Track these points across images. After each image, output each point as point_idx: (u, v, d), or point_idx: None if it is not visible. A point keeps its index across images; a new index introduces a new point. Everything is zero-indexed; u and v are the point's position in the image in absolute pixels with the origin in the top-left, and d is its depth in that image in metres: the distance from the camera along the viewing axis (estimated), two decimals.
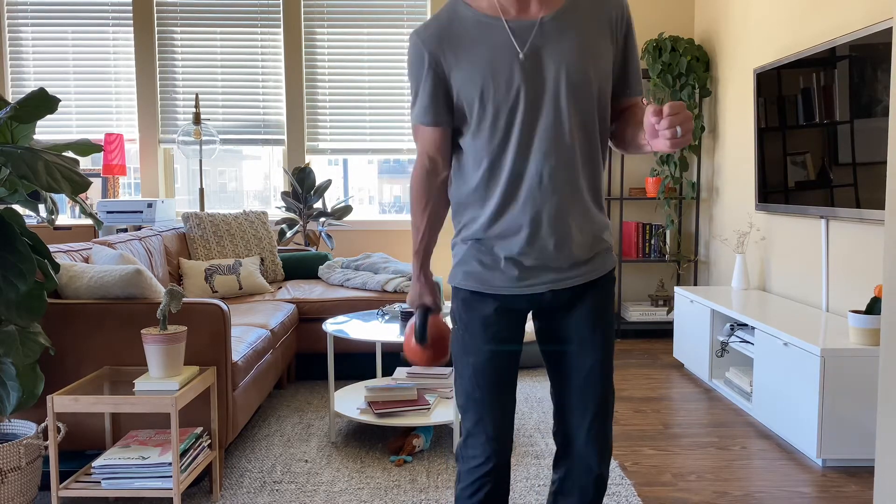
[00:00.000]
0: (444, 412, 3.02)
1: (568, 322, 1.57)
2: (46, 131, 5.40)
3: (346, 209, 5.06)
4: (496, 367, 1.56)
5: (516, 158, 1.47)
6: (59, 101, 2.21)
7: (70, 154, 5.19)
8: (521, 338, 1.60)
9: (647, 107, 1.34)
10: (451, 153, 1.57)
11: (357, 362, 4.02)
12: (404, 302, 3.92)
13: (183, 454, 2.31)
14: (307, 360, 4.09)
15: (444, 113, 1.52)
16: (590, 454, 1.58)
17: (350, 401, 3.19)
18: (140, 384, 2.29)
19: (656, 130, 1.32)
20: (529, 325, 4.44)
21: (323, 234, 5.03)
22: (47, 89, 3.79)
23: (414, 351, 1.68)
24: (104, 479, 2.26)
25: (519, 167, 1.48)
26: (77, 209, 5.39)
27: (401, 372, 3.43)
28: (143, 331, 2.31)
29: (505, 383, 1.58)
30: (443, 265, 5.40)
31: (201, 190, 5.10)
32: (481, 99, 1.46)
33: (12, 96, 5.37)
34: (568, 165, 1.47)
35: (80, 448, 2.55)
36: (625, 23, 1.52)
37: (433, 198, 1.60)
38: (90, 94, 5.39)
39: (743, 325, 3.64)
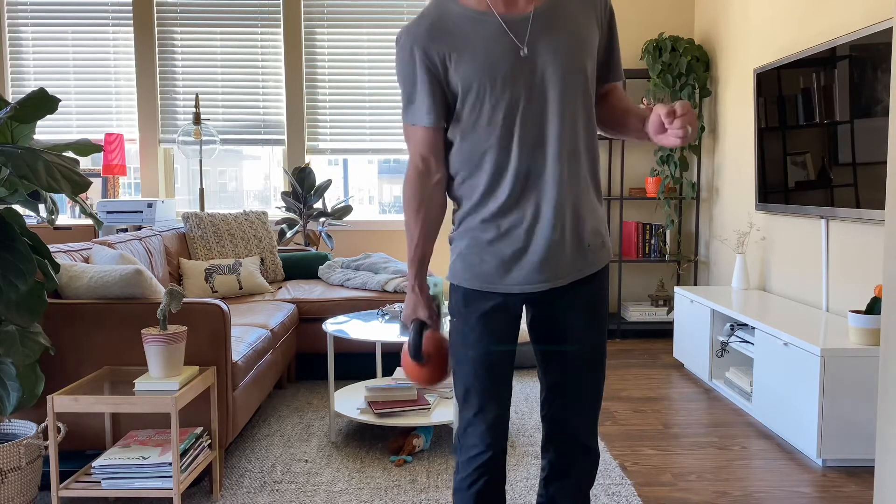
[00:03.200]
0: (444, 412, 3.02)
1: (563, 313, 1.57)
2: (46, 131, 5.40)
3: (346, 209, 5.06)
4: (494, 359, 1.57)
5: (518, 152, 1.46)
6: (59, 101, 2.21)
7: (70, 154, 5.19)
8: (517, 332, 1.62)
9: (653, 105, 1.39)
10: (444, 153, 1.55)
11: (357, 362, 4.02)
12: (404, 302, 3.92)
13: (183, 454, 2.31)
14: (307, 360, 4.09)
15: (437, 114, 1.50)
16: (583, 435, 1.63)
17: (350, 401, 3.19)
18: (140, 384, 2.29)
19: (665, 128, 1.39)
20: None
21: (323, 234, 5.03)
22: (47, 89, 3.79)
23: (412, 368, 1.61)
24: (104, 479, 2.26)
25: (521, 162, 1.47)
26: (77, 209, 5.39)
27: (401, 372, 3.43)
28: (143, 331, 2.31)
29: (503, 375, 1.59)
30: (444, 263, 5.40)
31: (201, 190, 5.10)
32: (479, 94, 1.44)
33: (12, 96, 5.37)
34: (571, 157, 1.48)
35: (80, 448, 2.55)
36: (607, 9, 1.55)
37: (427, 200, 1.55)
38: (90, 94, 5.39)
39: (743, 325, 3.64)
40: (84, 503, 2.51)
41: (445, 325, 3.08)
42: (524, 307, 1.62)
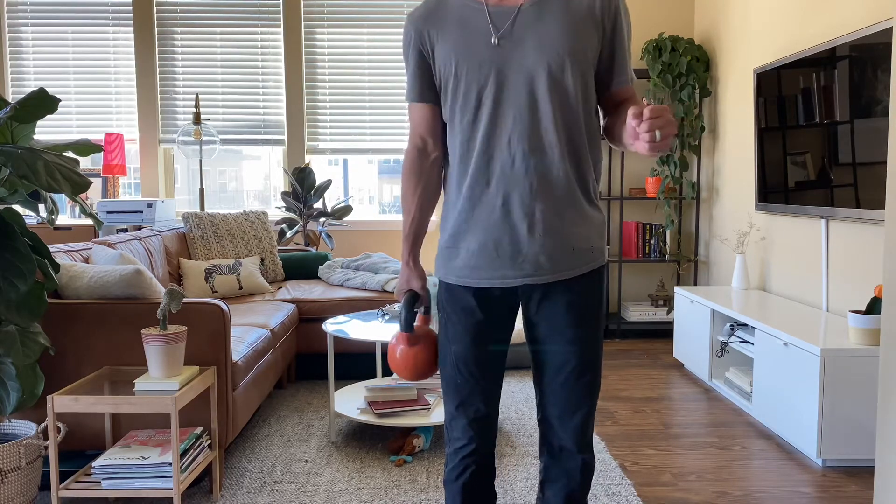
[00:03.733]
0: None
1: (550, 314, 1.54)
2: (46, 131, 5.40)
3: (346, 209, 5.06)
4: (478, 354, 1.56)
5: (486, 139, 1.48)
6: (59, 101, 2.21)
7: (70, 154, 5.19)
8: (508, 328, 1.59)
9: (630, 108, 1.32)
10: (441, 133, 1.59)
11: (357, 362, 4.02)
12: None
13: (183, 454, 2.31)
14: (307, 360, 4.09)
15: (427, 90, 1.56)
16: (573, 443, 1.59)
17: (350, 401, 3.19)
18: (140, 384, 2.29)
19: (637, 132, 1.32)
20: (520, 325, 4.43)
21: (323, 234, 5.03)
22: (47, 89, 3.79)
23: (397, 361, 1.62)
24: (104, 479, 2.26)
25: (489, 149, 1.48)
26: (77, 209, 5.40)
27: None
28: (143, 331, 2.31)
29: (487, 371, 1.58)
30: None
31: (201, 190, 5.10)
32: (455, 77, 1.49)
33: (12, 96, 5.38)
34: (543, 151, 1.46)
35: (80, 448, 2.55)
36: (612, 10, 1.49)
37: (424, 178, 1.61)
38: (90, 94, 5.39)
39: (743, 325, 3.64)
40: (84, 503, 2.52)
41: (434, 324, 3.07)
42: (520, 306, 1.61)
